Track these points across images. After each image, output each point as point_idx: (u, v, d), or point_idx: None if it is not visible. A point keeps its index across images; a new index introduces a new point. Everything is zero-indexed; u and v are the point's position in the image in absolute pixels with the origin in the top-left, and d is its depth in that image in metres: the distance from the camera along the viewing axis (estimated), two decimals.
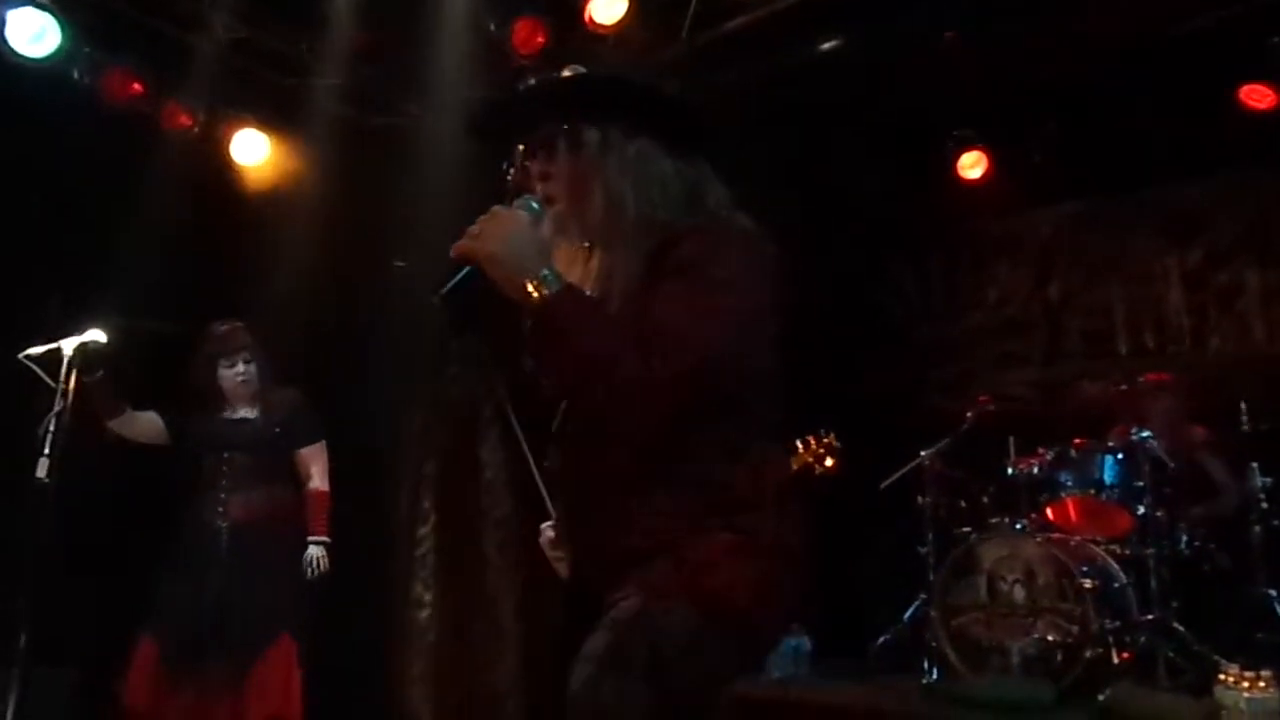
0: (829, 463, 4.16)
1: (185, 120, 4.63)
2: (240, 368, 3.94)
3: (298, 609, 3.85)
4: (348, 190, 4.89)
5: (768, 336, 1.74)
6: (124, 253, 4.23)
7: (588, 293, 1.70)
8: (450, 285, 1.65)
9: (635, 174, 1.74)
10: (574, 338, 1.59)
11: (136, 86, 4.46)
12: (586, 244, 1.79)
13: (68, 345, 3.22)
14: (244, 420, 3.98)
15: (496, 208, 1.71)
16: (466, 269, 1.65)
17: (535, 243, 1.68)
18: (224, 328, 3.99)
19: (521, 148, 1.84)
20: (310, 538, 3.96)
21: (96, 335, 3.29)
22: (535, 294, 1.61)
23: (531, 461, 1.75)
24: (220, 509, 3.83)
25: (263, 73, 4.83)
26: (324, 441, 4.10)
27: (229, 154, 4.82)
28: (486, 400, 1.72)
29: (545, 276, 1.62)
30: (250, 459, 3.91)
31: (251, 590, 3.73)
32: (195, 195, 4.53)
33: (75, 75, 4.26)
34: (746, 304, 1.65)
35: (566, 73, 1.77)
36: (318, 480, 4.04)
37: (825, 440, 4.20)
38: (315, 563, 3.93)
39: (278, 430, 3.97)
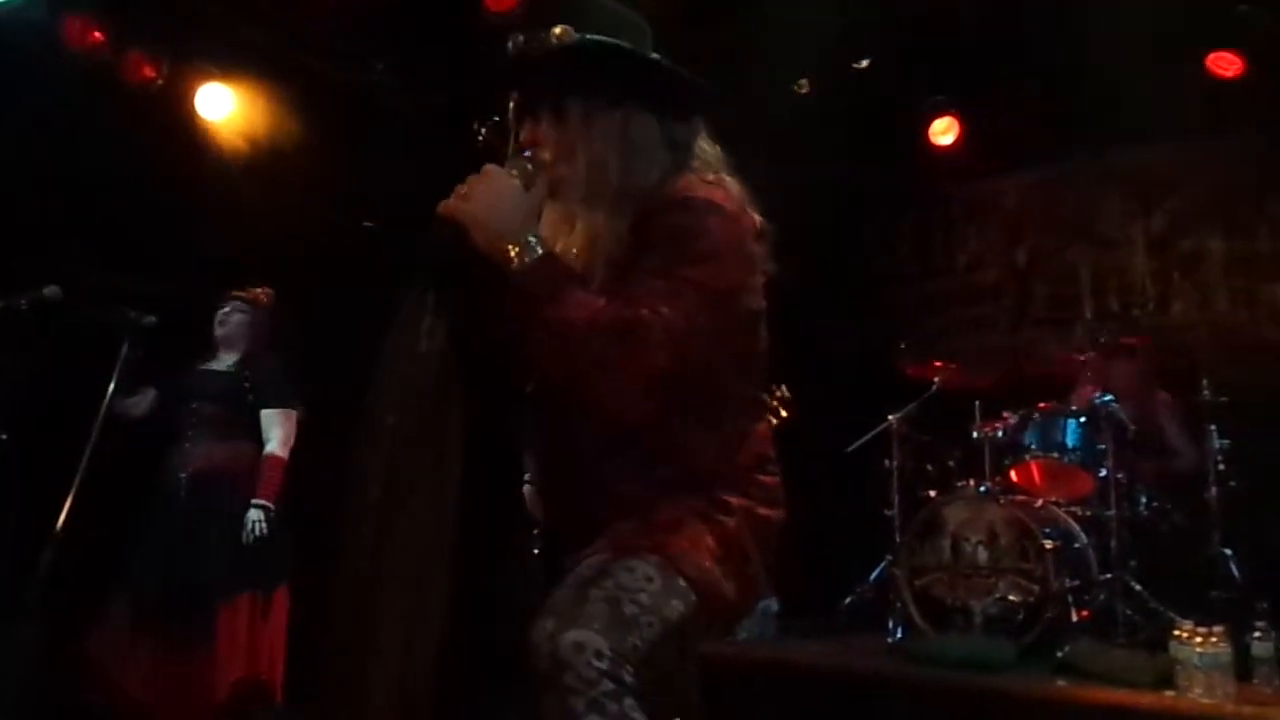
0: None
1: (149, 72, 4.52)
2: (229, 309, 4.00)
3: (261, 565, 3.77)
4: (314, 148, 4.80)
5: (749, 313, 1.74)
6: (88, 208, 4.14)
7: (570, 261, 1.68)
8: (430, 242, 1.63)
9: (621, 142, 1.73)
10: (550, 306, 1.58)
11: (97, 35, 4.35)
12: (574, 208, 1.75)
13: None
14: (217, 372, 3.97)
15: (489, 166, 1.69)
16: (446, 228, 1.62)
17: (522, 207, 1.66)
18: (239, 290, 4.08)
19: (513, 108, 1.81)
20: (254, 500, 3.81)
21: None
22: (516, 260, 1.60)
23: (507, 426, 1.74)
24: (182, 458, 3.81)
25: (227, 24, 4.72)
26: (294, 412, 3.99)
27: (194, 108, 4.70)
28: (454, 366, 1.67)
29: (528, 243, 1.61)
30: (216, 410, 3.88)
31: (208, 543, 3.70)
32: (159, 151, 4.44)
33: (35, 22, 4.14)
34: (724, 278, 1.64)
35: (556, 31, 1.70)
36: (274, 445, 3.91)
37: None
38: (253, 526, 3.77)
39: (246, 384, 3.93)
